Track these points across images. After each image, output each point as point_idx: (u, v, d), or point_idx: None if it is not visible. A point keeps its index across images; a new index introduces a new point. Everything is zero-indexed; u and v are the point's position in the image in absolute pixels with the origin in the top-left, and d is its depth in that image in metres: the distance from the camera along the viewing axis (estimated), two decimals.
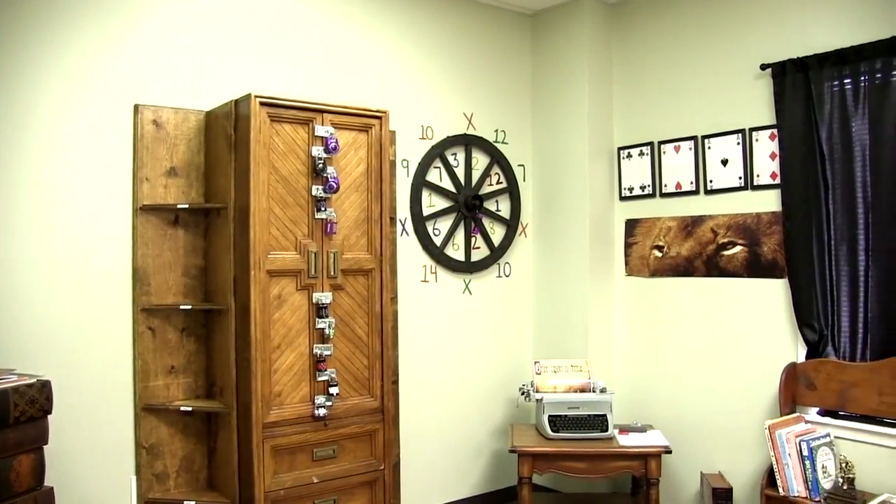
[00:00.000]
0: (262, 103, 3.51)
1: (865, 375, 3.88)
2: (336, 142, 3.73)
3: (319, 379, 3.71)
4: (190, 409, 3.71)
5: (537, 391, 4.60)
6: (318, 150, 3.68)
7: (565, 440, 4.39)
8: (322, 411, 3.69)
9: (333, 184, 3.71)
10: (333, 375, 3.74)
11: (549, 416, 4.47)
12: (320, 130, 3.69)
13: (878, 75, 3.86)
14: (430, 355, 4.85)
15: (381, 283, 3.95)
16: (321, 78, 4.36)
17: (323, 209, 3.72)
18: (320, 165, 3.68)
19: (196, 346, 3.86)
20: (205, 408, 3.73)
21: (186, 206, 3.74)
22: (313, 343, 3.70)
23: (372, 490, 3.89)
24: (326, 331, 3.72)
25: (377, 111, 3.92)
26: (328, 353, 3.73)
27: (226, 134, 3.65)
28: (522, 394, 4.71)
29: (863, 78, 3.91)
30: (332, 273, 3.76)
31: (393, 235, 4.37)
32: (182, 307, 3.73)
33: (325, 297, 3.72)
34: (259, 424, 3.51)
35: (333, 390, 3.73)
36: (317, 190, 3.69)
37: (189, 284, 3.84)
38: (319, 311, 3.71)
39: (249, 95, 3.49)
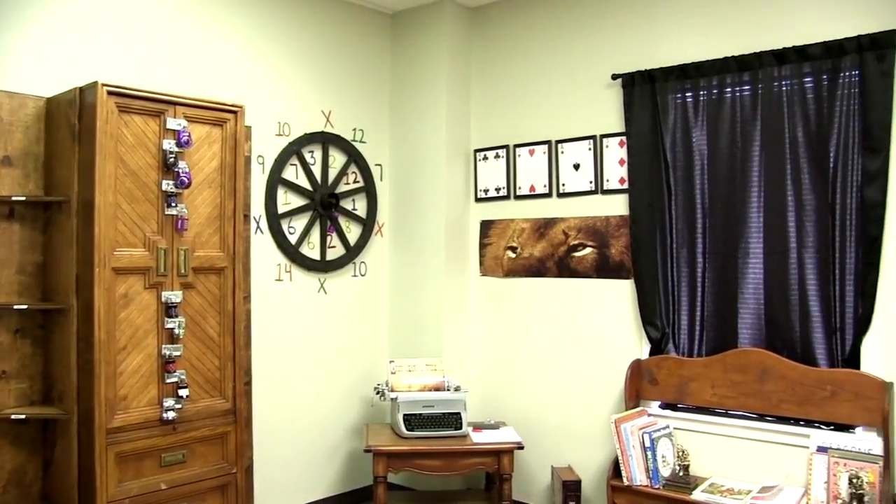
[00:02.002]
0: (109, 92, 3.33)
1: (700, 370, 4.14)
2: (189, 135, 3.59)
3: (168, 381, 3.57)
4: (23, 416, 3.45)
5: (392, 390, 4.61)
6: (169, 144, 3.54)
7: (420, 438, 4.43)
8: (171, 414, 3.55)
9: (185, 179, 3.58)
10: (183, 377, 3.61)
11: (404, 414, 4.50)
12: (172, 123, 3.55)
13: (715, 91, 4.13)
14: (285, 355, 4.76)
15: (234, 281, 3.85)
16: (175, 69, 4.19)
17: (174, 205, 3.58)
18: (172, 160, 3.54)
19: (32, 349, 3.60)
20: (41, 415, 3.50)
21: (23, 198, 3.49)
22: (162, 343, 3.55)
23: (224, 494, 3.77)
24: (176, 331, 3.58)
25: (232, 105, 3.82)
26: (178, 353, 3.59)
27: (69, 123, 3.44)
28: (377, 393, 4.71)
29: (702, 92, 4.18)
30: (183, 271, 3.63)
31: (247, 233, 4.26)
32: (16, 307, 3.47)
33: (174, 295, 3.58)
34: (102, 430, 3.32)
35: (183, 392, 3.60)
36: (167, 185, 3.55)
37: (25, 282, 3.58)
38: (169, 310, 3.57)
39: (96, 83, 3.30)
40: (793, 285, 3.89)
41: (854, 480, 3.43)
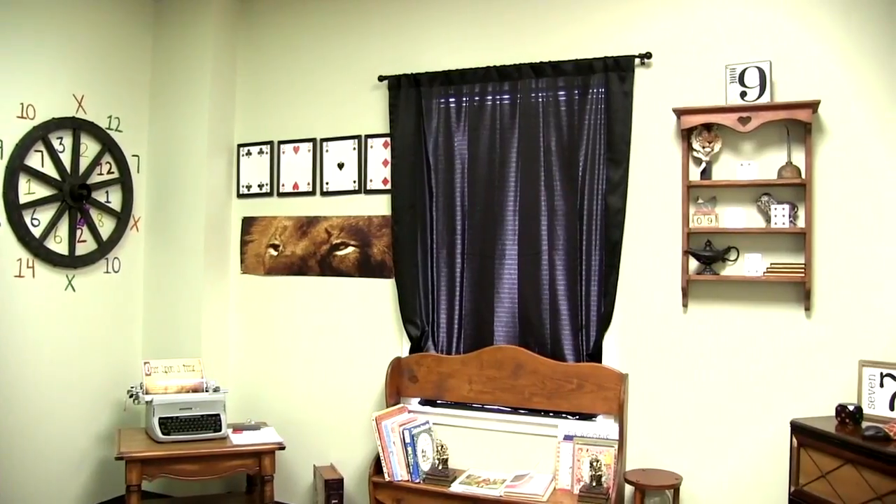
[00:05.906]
0: None
1: (459, 367, 4.33)
2: None
3: None
4: None
5: (147, 393, 4.39)
6: None
7: (177, 442, 4.25)
8: None
9: None
10: None
11: (160, 418, 4.30)
12: None
13: (477, 98, 4.34)
14: (26, 358, 4.36)
15: None
16: None
17: None
18: None
19: None
20: None
21: None
22: None
23: None
24: None
25: None
26: None
27: None
28: (131, 396, 4.46)
29: (464, 99, 4.37)
30: None
31: None
32: None
33: None
34: None
35: None
36: None
37: None
38: None
39: None
40: (544, 286, 4.18)
41: (594, 463, 3.77)
